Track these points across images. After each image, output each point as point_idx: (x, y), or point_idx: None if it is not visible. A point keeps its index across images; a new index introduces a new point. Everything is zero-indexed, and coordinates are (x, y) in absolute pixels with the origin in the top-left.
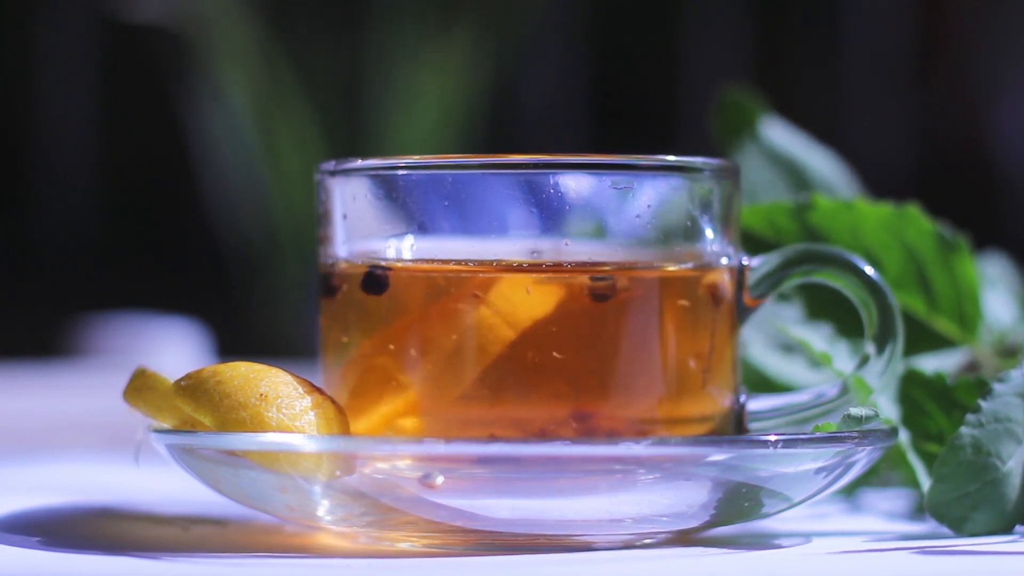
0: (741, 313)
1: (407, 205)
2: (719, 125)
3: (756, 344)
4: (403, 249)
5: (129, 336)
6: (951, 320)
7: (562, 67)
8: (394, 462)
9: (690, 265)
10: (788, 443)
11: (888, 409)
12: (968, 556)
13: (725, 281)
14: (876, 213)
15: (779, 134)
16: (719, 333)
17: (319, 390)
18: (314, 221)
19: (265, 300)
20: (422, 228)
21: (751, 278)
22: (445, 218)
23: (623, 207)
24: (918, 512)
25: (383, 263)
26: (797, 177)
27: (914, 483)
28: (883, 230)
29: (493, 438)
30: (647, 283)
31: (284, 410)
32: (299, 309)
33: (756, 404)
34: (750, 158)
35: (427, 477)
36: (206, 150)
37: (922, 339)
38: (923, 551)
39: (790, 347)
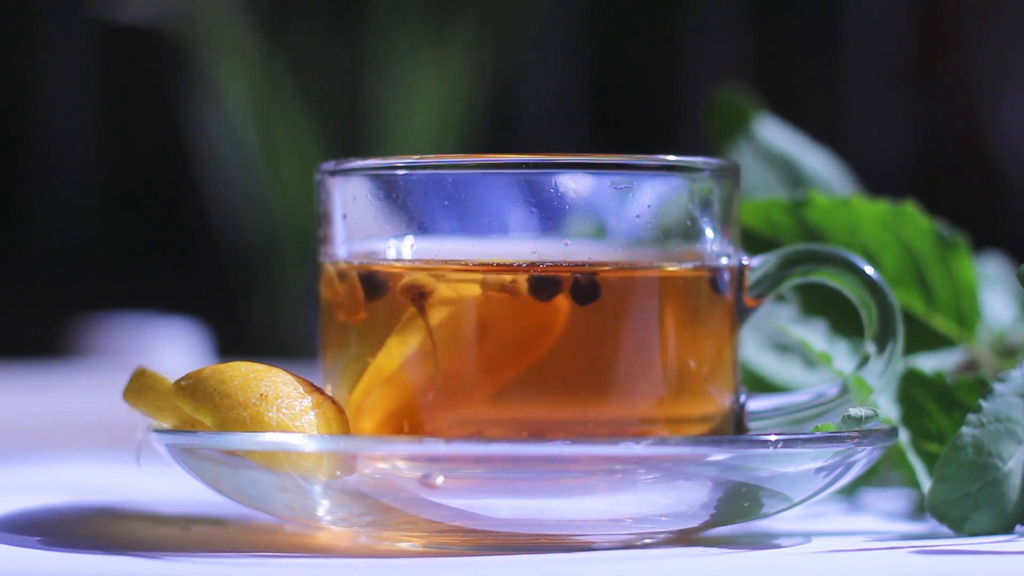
0: (741, 313)
1: (407, 205)
2: (712, 125)
3: (750, 343)
4: (403, 249)
5: (129, 336)
6: (949, 318)
7: (562, 67)
8: (394, 462)
9: (690, 265)
10: (788, 443)
11: (888, 409)
12: (968, 556)
13: (725, 281)
14: (873, 211)
15: (774, 133)
16: (719, 333)
17: (319, 390)
18: (314, 221)
19: (265, 300)
20: (422, 228)
21: (751, 278)
22: (445, 218)
23: (623, 207)
24: (918, 512)
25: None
26: (793, 176)
27: (914, 483)
28: (881, 228)
29: (492, 438)
30: (647, 283)
31: (284, 410)
32: (299, 309)
33: (756, 404)
34: (744, 158)
35: (427, 477)
36: (205, 150)
37: (920, 338)
38: (923, 551)
39: (784, 347)
